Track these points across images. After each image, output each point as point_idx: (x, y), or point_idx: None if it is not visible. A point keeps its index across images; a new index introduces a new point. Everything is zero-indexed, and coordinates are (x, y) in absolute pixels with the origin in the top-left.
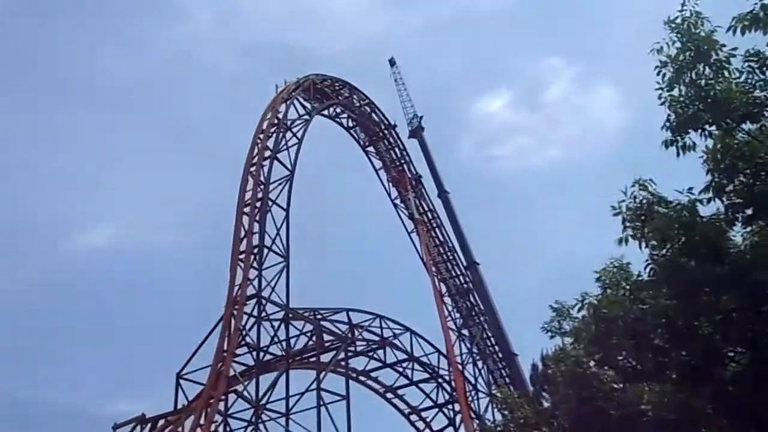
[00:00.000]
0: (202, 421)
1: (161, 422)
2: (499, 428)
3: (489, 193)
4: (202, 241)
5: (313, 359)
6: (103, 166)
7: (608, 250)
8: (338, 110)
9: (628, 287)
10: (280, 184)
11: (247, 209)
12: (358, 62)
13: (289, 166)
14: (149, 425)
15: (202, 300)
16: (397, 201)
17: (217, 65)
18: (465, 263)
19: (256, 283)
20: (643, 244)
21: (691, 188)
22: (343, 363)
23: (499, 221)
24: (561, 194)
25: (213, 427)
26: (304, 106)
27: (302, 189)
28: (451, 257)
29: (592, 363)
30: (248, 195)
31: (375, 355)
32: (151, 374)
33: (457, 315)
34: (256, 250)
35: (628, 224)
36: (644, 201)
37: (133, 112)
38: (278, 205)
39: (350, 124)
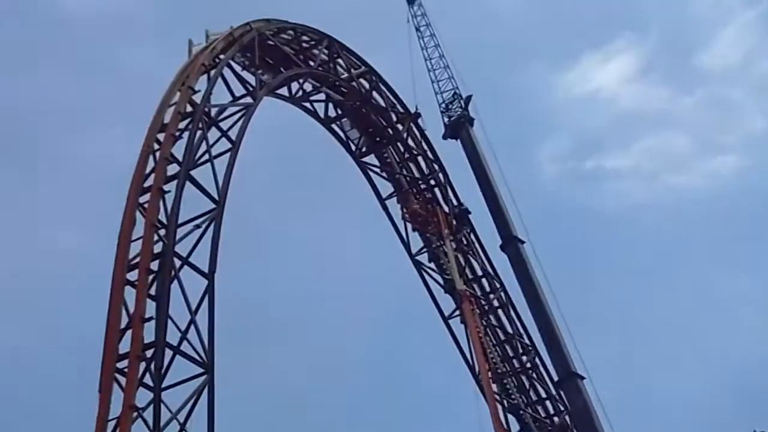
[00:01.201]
0: None
1: None
2: None
3: (598, 239)
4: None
5: None
6: None
7: None
8: (307, 86)
9: None
10: (195, 228)
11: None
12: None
13: (215, 194)
14: None
15: None
16: (423, 257)
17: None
18: (558, 374)
19: None
20: None
21: None
22: None
23: (620, 290)
24: (737, 241)
25: None
26: (242, 80)
27: (239, 238)
28: (529, 364)
29: None
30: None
31: None
32: None
33: None
34: None
35: None
36: None
37: None
38: (196, 269)
39: (331, 113)
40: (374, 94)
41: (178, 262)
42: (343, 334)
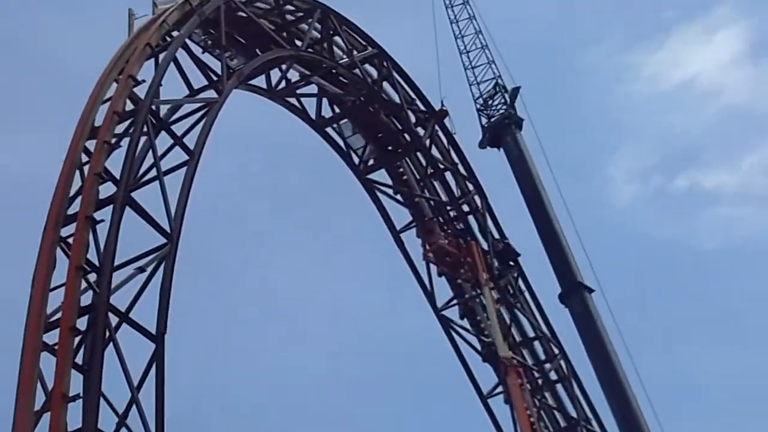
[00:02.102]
0: None
1: None
2: None
3: (693, 285)
4: None
5: None
6: None
7: None
8: (293, 75)
9: None
10: (138, 272)
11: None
12: None
13: (166, 225)
14: None
15: None
16: (452, 312)
17: None
18: None
19: None
20: None
21: None
22: None
23: (723, 356)
24: None
25: None
26: (203, 66)
27: (197, 285)
28: None
29: None
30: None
31: None
32: None
33: None
34: None
35: None
36: None
37: None
38: (139, 329)
39: (326, 112)
40: (385, 85)
41: (114, 319)
42: (339, 422)
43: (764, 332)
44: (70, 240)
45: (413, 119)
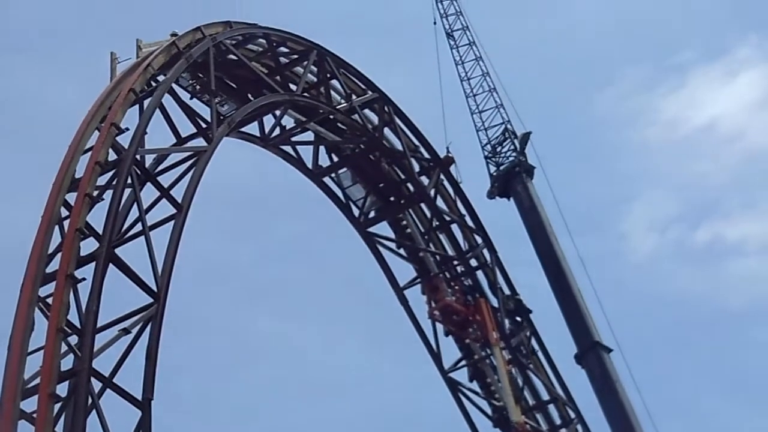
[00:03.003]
0: None
1: None
2: None
3: (717, 345)
4: None
5: None
6: None
7: None
8: (288, 121)
9: None
10: (123, 334)
11: None
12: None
13: (152, 284)
14: None
15: None
16: (460, 374)
17: None
18: None
19: None
20: None
21: None
22: None
23: (752, 422)
24: None
25: None
26: (192, 113)
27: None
28: None
29: None
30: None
31: None
32: None
33: None
34: None
35: None
36: None
37: None
38: (124, 395)
39: (324, 161)
40: (386, 131)
41: (97, 385)
42: None
43: None
44: (49, 300)
45: (417, 168)
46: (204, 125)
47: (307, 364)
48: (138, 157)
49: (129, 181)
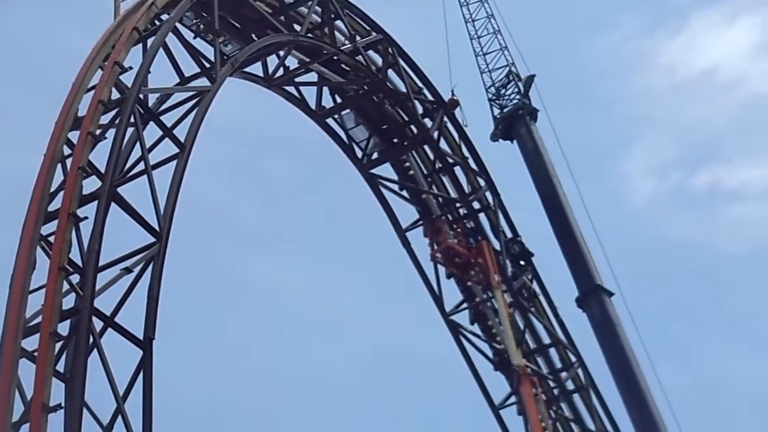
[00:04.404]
0: None
1: None
2: None
3: (715, 290)
4: None
5: None
6: None
7: None
8: (291, 62)
9: None
10: (125, 273)
11: None
12: None
13: (154, 223)
14: None
15: None
16: (462, 317)
17: None
18: None
19: None
20: None
21: None
22: None
23: (749, 365)
24: None
25: None
26: (195, 53)
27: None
28: None
29: None
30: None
31: None
32: None
33: None
34: None
35: None
36: None
37: None
38: (126, 334)
39: (327, 102)
40: (390, 73)
41: (99, 324)
42: None
43: None
44: (51, 239)
45: (420, 110)
46: (207, 65)
47: (305, 305)
48: (141, 96)
49: (132, 120)
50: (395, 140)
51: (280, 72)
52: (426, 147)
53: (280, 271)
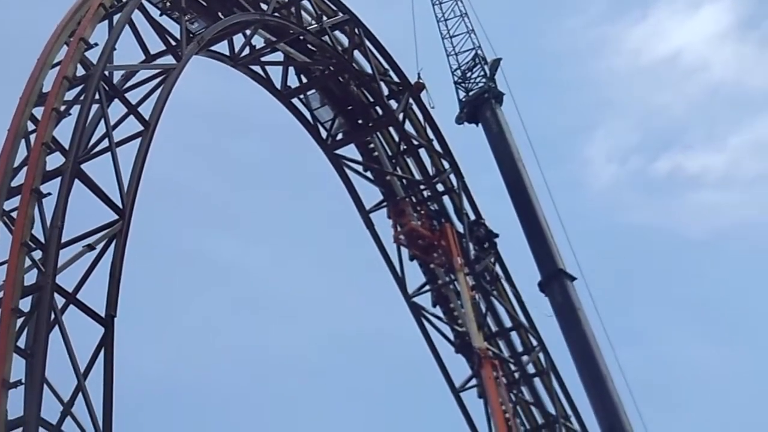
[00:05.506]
0: None
1: None
2: None
3: (676, 275)
4: None
5: None
6: None
7: None
8: (258, 41)
9: None
10: (87, 250)
11: None
12: None
13: (117, 201)
14: None
15: None
16: (424, 299)
17: None
18: None
19: None
20: None
21: None
22: None
23: (710, 350)
24: None
25: None
26: (161, 30)
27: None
28: None
29: None
30: None
31: None
32: None
33: None
34: None
35: None
36: None
37: None
38: (87, 311)
39: (293, 82)
40: (356, 54)
41: (61, 300)
42: (307, 412)
43: (748, 326)
44: (14, 214)
45: (386, 91)
46: (173, 43)
47: (268, 286)
48: (106, 72)
49: (97, 96)
50: (360, 121)
51: (246, 51)
52: (391, 129)
53: (244, 251)
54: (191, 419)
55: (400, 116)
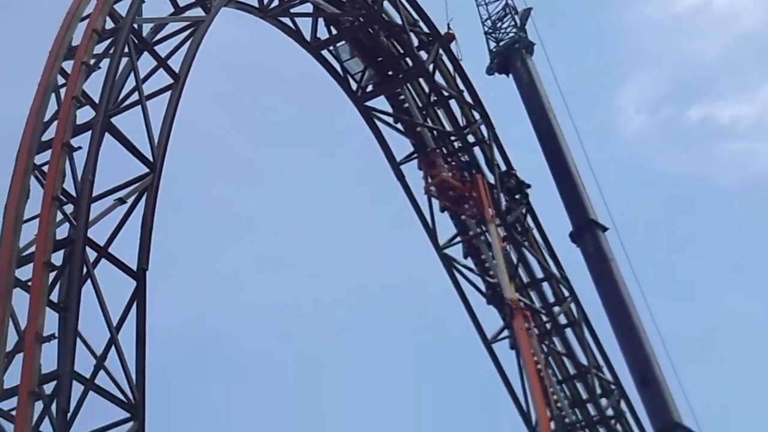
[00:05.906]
0: None
1: None
2: None
3: (707, 225)
4: None
5: None
6: None
7: None
8: None
9: None
10: (119, 203)
11: None
12: None
13: (148, 154)
14: None
15: None
16: (455, 250)
17: None
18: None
19: None
20: None
21: None
22: None
23: (743, 301)
24: None
25: None
26: None
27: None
28: (611, 410)
29: None
30: None
31: None
32: None
33: None
34: None
35: None
36: None
37: None
38: (119, 265)
39: (323, 34)
40: (386, 4)
41: (92, 254)
42: (333, 370)
43: None
44: (45, 168)
45: (416, 42)
46: None
47: (296, 242)
48: (135, 25)
49: (126, 50)
50: (390, 73)
51: (275, 2)
52: (421, 80)
53: (270, 208)
54: (216, 373)
55: (430, 67)
